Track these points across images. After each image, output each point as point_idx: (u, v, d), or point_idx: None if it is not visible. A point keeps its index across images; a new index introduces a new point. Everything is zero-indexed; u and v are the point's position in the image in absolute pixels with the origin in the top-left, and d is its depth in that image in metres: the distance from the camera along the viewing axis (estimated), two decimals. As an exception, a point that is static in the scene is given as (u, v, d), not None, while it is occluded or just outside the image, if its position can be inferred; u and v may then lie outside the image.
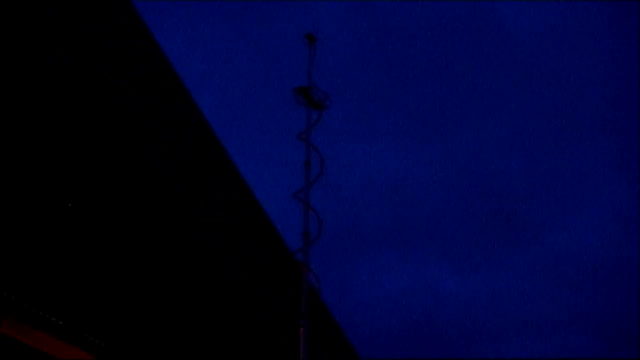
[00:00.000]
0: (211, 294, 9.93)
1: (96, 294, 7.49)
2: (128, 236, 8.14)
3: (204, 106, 9.80)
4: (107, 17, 7.60)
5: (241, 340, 10.74)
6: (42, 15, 6.66)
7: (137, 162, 8.47)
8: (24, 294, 6.58)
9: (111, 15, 7.68)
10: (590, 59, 64.00)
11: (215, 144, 10.47)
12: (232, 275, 10.62)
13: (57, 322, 6.89)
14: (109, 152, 7.92)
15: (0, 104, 6.36)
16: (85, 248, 7.39)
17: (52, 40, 6.74)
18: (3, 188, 6.45)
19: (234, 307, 10.60)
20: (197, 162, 10.01)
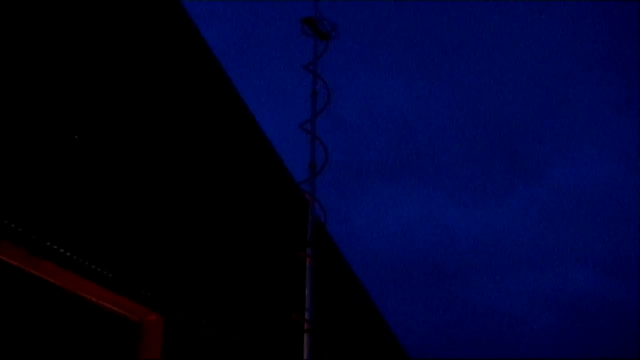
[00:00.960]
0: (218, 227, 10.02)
1: (102, 229, 7.57)
2: (132, 178, 8.19)
3: (209, 37, 9.74)
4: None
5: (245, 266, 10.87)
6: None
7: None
8: (26, 221, 6.64)
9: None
10: (595, -6, 63.21)
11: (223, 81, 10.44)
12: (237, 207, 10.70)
13: (62, 251, 6.96)
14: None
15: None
16: (91, 186, 7.44)
17: None
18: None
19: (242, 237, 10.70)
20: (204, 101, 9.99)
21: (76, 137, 7.23)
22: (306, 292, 6.07)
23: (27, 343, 6.96)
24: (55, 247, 6.85)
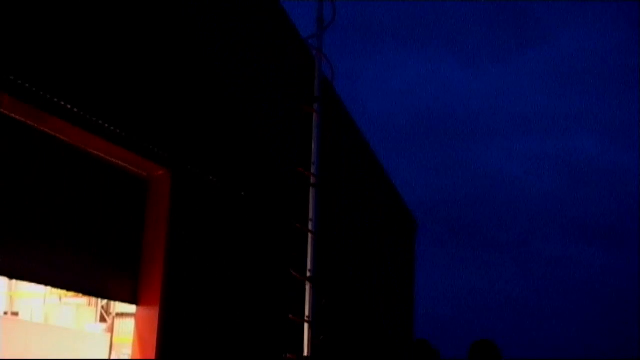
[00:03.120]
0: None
1: (111, 89, 7.53)
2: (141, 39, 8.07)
3: None
4: None
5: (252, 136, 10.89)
6: None
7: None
8: (32, 77, 6.60)
9: None
10: None
11: None
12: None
13: (69, 107, 6.96)
14: None
15: None
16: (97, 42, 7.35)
17: None
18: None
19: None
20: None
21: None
22: (313, 147, 6.05)
23: (34, 199, 7.06)
24: (62, 102, 6.84)
